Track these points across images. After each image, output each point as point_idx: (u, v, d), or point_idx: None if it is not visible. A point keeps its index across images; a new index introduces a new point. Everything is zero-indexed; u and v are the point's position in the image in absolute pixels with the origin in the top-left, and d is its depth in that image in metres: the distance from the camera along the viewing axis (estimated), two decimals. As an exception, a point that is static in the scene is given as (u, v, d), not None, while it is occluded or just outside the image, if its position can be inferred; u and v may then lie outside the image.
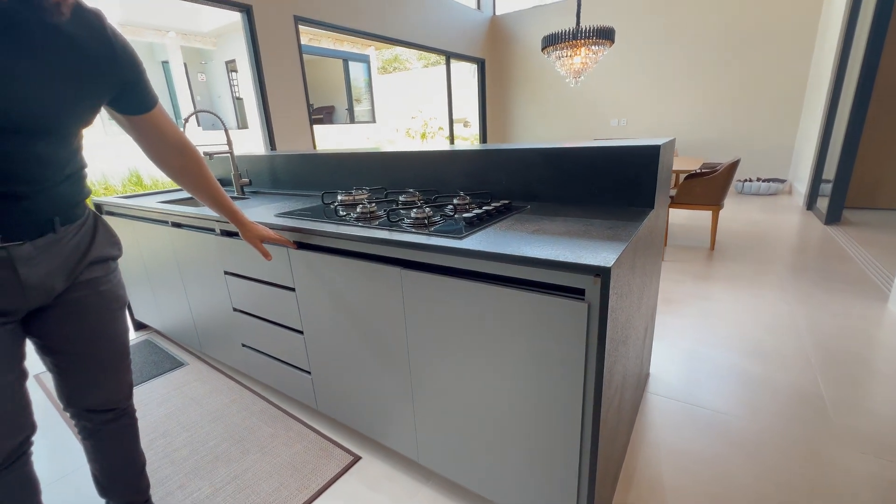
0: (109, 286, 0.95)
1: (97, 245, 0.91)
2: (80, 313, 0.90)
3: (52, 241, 0.81)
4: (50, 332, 0.88)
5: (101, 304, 0.93)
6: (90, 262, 0.90)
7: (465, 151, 1.50)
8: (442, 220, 1.15)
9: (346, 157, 1.84)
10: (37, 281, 0.80)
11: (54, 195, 0.79)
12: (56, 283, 0.84)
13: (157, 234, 1.87)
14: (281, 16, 4.00)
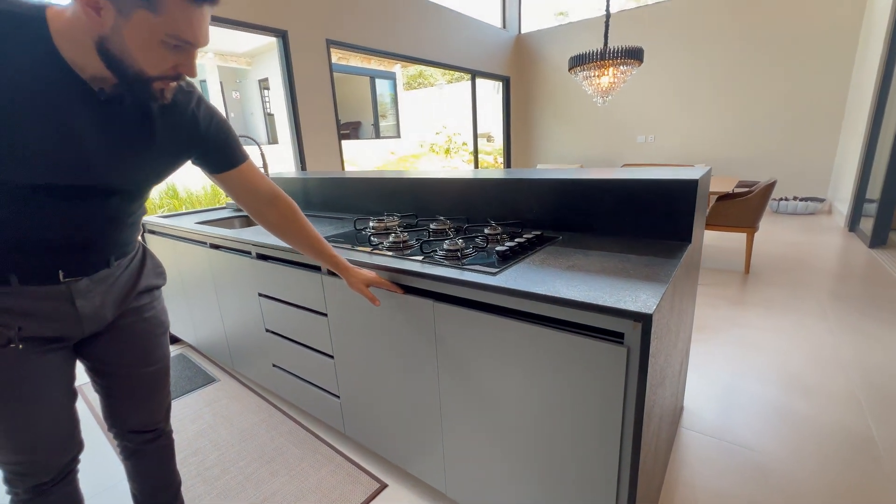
0: (154, 312, 0.99)
1: (145, 276, 0.97)
2: (127, 339, 0.95)
3: (107, 275, 0.87)
4: (99, 356, 0.93)
5: (145, 330, 0.97)
6: (138, 292, 0.95)
7: (496, 180, 1.51)
8: (474, 251, 1.15)
9: (377, 181, 1.88)
10: (91, 311, 0.86)
11: (117, 239, 0.86)
12: (108, 313, 0.89)
13: (195, 254, 1.95)
14: (314, 39, 4.15)
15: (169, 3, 0.60)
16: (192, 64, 0.68)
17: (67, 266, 0.79)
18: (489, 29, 6.64)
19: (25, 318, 0.77)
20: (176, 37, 0.63)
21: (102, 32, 0.61)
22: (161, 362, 1.02)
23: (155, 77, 0.66)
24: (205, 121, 0.87)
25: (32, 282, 0.76)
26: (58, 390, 0.85)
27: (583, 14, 6.77)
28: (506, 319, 0.92)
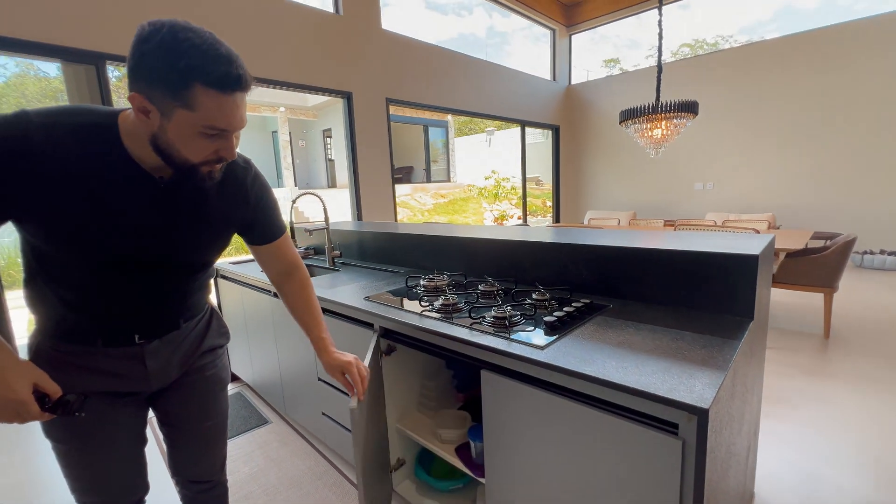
0: (215, 370, 1.06)
1: (210, 336, 1.04)
2: (188, 395, 1.02)
3: (175, 336, 0.95)
4: (164, 409, 1.02)
5: (206, 388, 1.04)
6: (202, 352, 1.03)
7: (545, 244, 1.53)
8: (522, 319, 1.17)
9: (429, 238, 1.96)
10: (158, 369, 0.94)
11: (185, 304, 0.95)
12: (173, 371, 0.97)
13: (259, 300, 2.10)
14: (374, 98, 4.52)
15: (201, 100, 0.67)
16: (230, 147, 0.75)
17: (142, 329, 0.89)
18: (538, 81, 6.88)
19: (102, 375, 0.87)
20: (212, 127, 0.70)
21: (153, 131, 0.70)
22: (218, 418, 1.08)
23: (200, 163, 0.74)
24: (255, 198, 0.95)
25: (113, 344, 0.87)
26: (128, 438, 0.94)
27: (635, 60, 6.83)
28: (554, 396, 0.91)
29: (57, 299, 0.82)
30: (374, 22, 4.46)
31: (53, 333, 0.85)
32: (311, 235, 2.69)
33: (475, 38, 9.38)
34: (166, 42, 0.64)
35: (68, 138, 0.70)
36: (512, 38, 12.41)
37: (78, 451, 0.88)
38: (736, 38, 12.33)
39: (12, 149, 0.66)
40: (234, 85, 0.68)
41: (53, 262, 0.78)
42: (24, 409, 0.73)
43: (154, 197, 0.79)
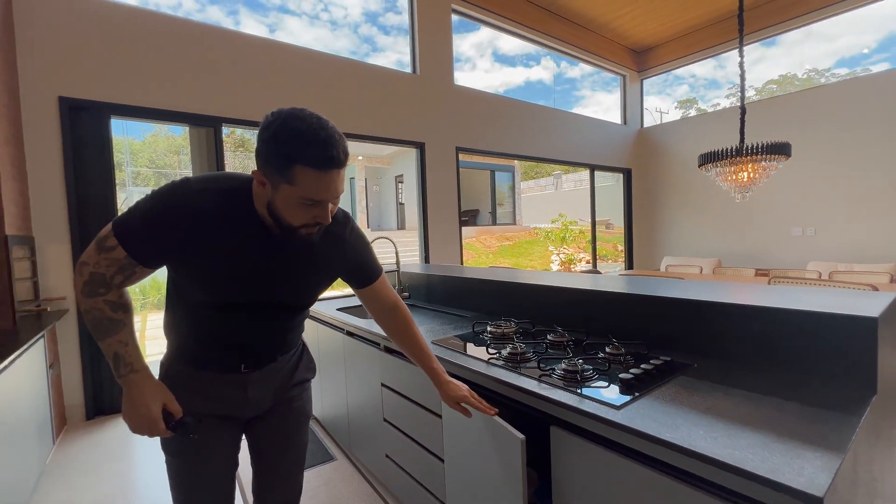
0: (301, 403, 1.16)
1: (300, 370, 1.15)
2: (277, 424, 1.11)
3: (272, 368, 1.06)
4: (256, 436, 1.11)
5: (292, 418, 1.13)
6: (293, 384, 1.13)
7: (621, 294, 1.47)
8: (595, 374, 1.11)
9: (497, 284, 1.97)
10: (256, 397, 1.05)
11: (284, 341, 1.07)
12: (267, 400, 1.08)
13: (332, 337, 2.22)
14: (445, 147, 4.78)
15: (301, 177, 0.79)
16: (326, 214, 0.86)
17: (247, 360, 1.02)
18: (608, 126, 6.82)
19: (211, 398, 1.00)
20: (309, 199, 0.82)
21: (268, 199, 0.85)
22: (300, 448, 1.16)
23: (299, 226, 0.86)
24: (353, 248, 1.07)
25: (224, 371, 1.01)
26: (225, 458, 1.05)
27: (713, 98, 6.54)
28: (632, 462, 0.85)
29: (186, 328, 0.98)
30: (447, 79, 4.80)
31: (179, 357, 1.00)
32: (383, 277, 2.82)
33: (542, 84, 9.66)
34: (277, 132, 0.78)
35: (217, 200, 0.87)
36: (580, 83, 12.53)
37: (185, 465, 1.00)
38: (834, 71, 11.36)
39: (177, 209, 0.84)
40: (329, 165, 0.79)
41: (189, 297, 0.94)
42: (155, 426, 0.88)
43: (271, 248, 0.93)
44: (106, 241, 0.83)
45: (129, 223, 0.83)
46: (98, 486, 2.08)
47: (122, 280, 0.87)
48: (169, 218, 0.83)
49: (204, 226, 0.85)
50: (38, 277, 2.66)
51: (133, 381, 0.88)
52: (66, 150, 2.80)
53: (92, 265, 0.84)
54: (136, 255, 0.84)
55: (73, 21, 2.81)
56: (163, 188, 0.85)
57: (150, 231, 0.83)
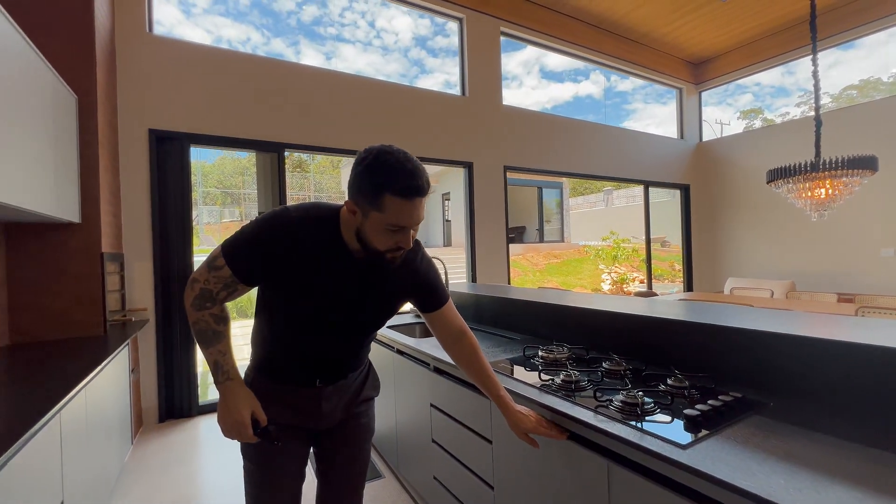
0: (367, 419, 1.23)
1: (366, 388, 1.23)
2: (345, 438, 1.19)
3: (343, 384, 1.15)
4: (325, 447, 1.19)
5: (359, 434, 1.21)
6: (360, 401, 1.20)
7: (684, 323, 1.39)
8: (657, 408, 1.06)
9: (549, 307, 1.93)
10: (328, 411, 1.13)
11: (355, 358, 1.16)
12: (338, 414, 1.15)
13: (382, 354, 2.27)
14: (493, 166, 4.81)
15: (388, 205, 0.88)
16: (408, 239, 0.95)
17: (322, 376, 1.11)
18: (663, 141, 6.56)
19: (288, 408, 1.09)
20: (395, 225, 0.91)
21: (357, 226, 0.95)
22: (363, 463, 1.24)
23: (385, 251, 0.95)
24: (423, 274, 1.13)
25: (301, 384, 1.10)
26: (296, 466, 1.13)
27: (782, 107, 6.10)
28: (700, 509, 0.79)
29: (272, 343, 1.08)
30: (496, 99, 4.86)
31: (263, 370, 1.11)
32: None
33: (592, 99, 9.48)
34: (370, 165, 0.89)
35: (311, 227, 0.97)
36: (632, 96, 12.18)
37: (262, 472, 1.09)
38: (926, 74, 10.22)
39: (278, 234, 0.95)
40: (413, 194, 0.89)
41: (277, 314, 1.05)
42: (245, 431, 0.98)
43: (353, 272, 1.02)
44: (215, 262, 0.96)
45: (236, 246, 0.96)
46: (171, 487, 2.24)
47: (226, 296, 0.99)
48: (270, 241, 0.94)
49: (299, 249, 0.96)
50: (125, 290, 2.97)
51: (229, 388, 0.99)
52: (153, 176, 3.13)
53: (202, 282, 0.97)
54: (239, 274, 0.96)
55: (161, 62, 3.17)
56: (266, 215, 0.98)
57: (253, 253, 0.95)
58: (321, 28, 13.20)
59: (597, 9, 5.23)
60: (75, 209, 2.37)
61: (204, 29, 16.19)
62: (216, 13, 14.44)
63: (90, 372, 1.65)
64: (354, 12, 13.19)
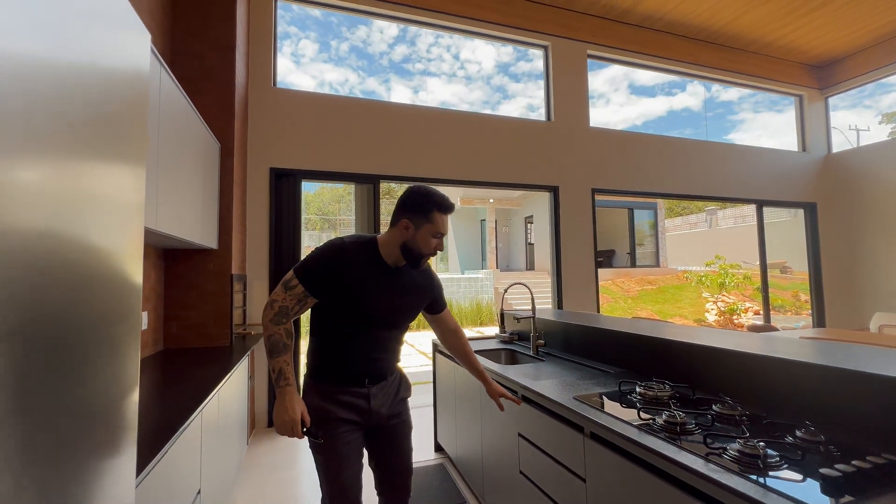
0: (408, 416, 1.50)
1: (402, 389, 1.49)
2: (390, 433, 1.44)
3: (385, 384, 1.40)
4: (378, 443, 1.44)
5: (402, 430, 1.47)
6: (399, 400, 1.46)
7: (821, 368, 1.22)
8: (783, 463, 0.93)
9: (645, 340, 1.82)
10: (377, 408, 1.37)
11: (392, 360, 1.43)
12: (384, 411, 1.39)
13: (468, 378, 2.30)
14: (580, 189, 4.68)
15: (436, 218, 1.31)
16: (442, 244, 1.35)
17: (370, 377, 1.36)
18: (781, 154, 5.83)
19: (344, 407, 1.32)
20: (438, 233, 1.32)
21: (406, 239, 1.32)
22: (408, 454, 1.49)
23: (427, 254, 1.34)
24: (437, 283, 1.52)
25: (354, 385, 1.34)
26: (358, 460, 1.36)
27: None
28: (847, 589, 0.68)
29: (328, 352, 1.34)
30: (582, 122, 4.77)
31: (321, 376, 1.35)
32: (519, 323, 2.84)
33: (689, 112, 8.82)
34: (422, 192, 1.33)
35: (359, 248, 1.32)
36: (738, 106, 10.97)
37: (329, 462, 1.30)
38: None
39: (336, 254, 1.29)
40: (449, 210, 1.34)
41: (332, 323, 1.33)
42: (296, 428, 1.21)
43: (390, 280, 1.35)
44: (290, 283, 1.27)
45: (306, 267, 1.28)
46: (278, 487, 2.48)
47: (298, 311, 1.29)
48: (330, 261, 1.27)
49: (350, 264, 1.28)
50: (246, 307, 3.41)
51: (287, 392, 1.22)
52: (272, 208, 3.60)
53: (280, 301, 1.27)
54: (310, 289, 1.27)
55: (280, 109, 3.69)
56: (325, 244, 1.32)
57: (318, 271, 1.27)
58: (409, 65, 14.22)
59: (695, 21, 4.94)
60: (214, 237, 2.83)
61: (310, 75, 18.30)
62: (320, 61, 16.24)
63: (223, 377, 1.92)
64: (440, 47, 13.83)
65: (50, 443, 0.59)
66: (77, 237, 0.66)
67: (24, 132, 0.54)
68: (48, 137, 0.59)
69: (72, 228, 0.65)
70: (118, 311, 0.79)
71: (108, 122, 0.76)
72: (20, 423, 0.53)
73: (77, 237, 0.66)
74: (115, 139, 0.79)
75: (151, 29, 2.51)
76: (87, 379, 0.69)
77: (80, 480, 0.66)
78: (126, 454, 0.82)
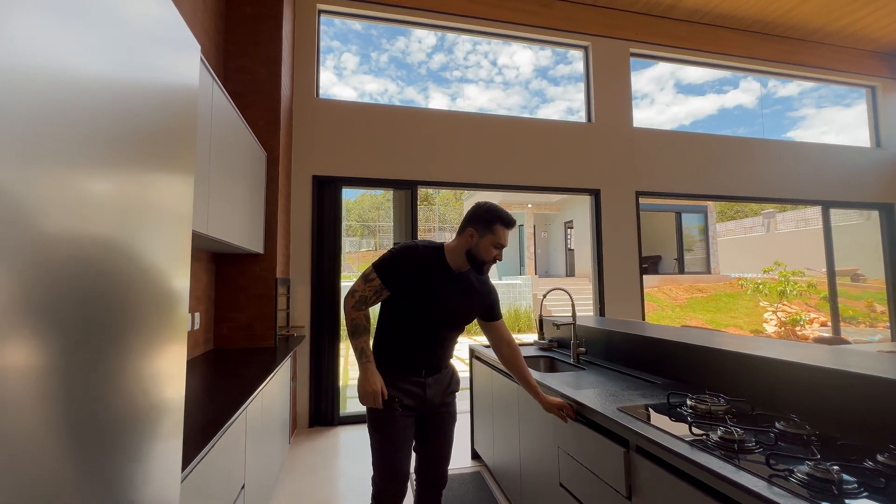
0: (453, 408, 1.63)
1: (453, 383, 1.63)
2: (440, 421, 1.58)
3: (438, 377, 1.55)
4: (425, 429, 1.58)
5: (449, 419, 1.61)
6: (448, 393, 1.59)
7: None
8: (861, 489, 0.83)
9: (695, 349, 1.70)
10: (430, 397, 1.52)
11: (446, 355, 1.58)
12: (436, 401, 1.54)
13: (505, 385, 2.25)
14: (623, 193, 4.51)
15: (497, 230, 1.47)
16: (501, 255, 1.49)
17: (426, 368, 1.51)
18: (851, 151, 5.34)
19: (402, 392, 1.48)
20: (499, 244, 1.48)
21: (470, 246, 1.49)
22: (450, 442, 1.63)
23: (488, 262, 1.50)
24: (494, 292, 1.65)
25: (411, 374, 1.50)
26: (410, 444, 1.52)
27: None
28: None
29: (391, 339, 1.52)
30: (625, 123, 4.60)
31: (385, 364, 1.49)
32: (559, 330, 2.76)
33: (742, 109, 8.31)
34: (487, 207, 1.50)
35: (429, 251, 1.52)
36: (797, 102, 10.21)
37: (384, 438, 1.46)
38: None
39: (410, 254, 1.48)
40: (511, 225, 1.50)
41: (399, 317, 1.50)
42: (377, 397, 1.40)
43: (452, 282, 1.51)
44: (369, 276, 1.48)
45: (384, 263, 1.48)
46: (318, 487, 2.53)
47: (373, 300, 1.49)
48: (405, 259, 1.47)
49: (421, 265, 1.47)
50: (289, 309, 3.54)
51: (368, 367, 1.43)
52: (314, 214, 3.73)
53: (360, 291, 1.48)
54: (385, 282, 1.47)
55: (323, 119, 3.82)
56: (402, 245, 1.51)
57: (394, 267, 1.47)
58: (447, 73, 14.36)
59: (748, 12, 4.65)
60: (260, 242, 2.96)
61: (352, 87, 18.94)
62: (361, 72, 16.76)
63: (266, 377, 1.99)
64: (478, 54, 13.90)
65: (97, 430, 0.62)
66: (132, 242, 0.70)
67: (92, 146, 0.58)
68: (110, 150, 0.63)
69: (128, 234, 0.69)
70: (167, 308, 0.83)
71: (162, 135, 0.81)
72: (71, 409, 0.57)
73: (132, 242, 0.70)
74: (167, 152, 0.84)
75: (205, 47, 2.67)
76: (136, 370, 0.72)
77: (125, 470, 0.70)
78: (172, 446, 0.86)
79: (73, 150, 0.56)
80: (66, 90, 0.54)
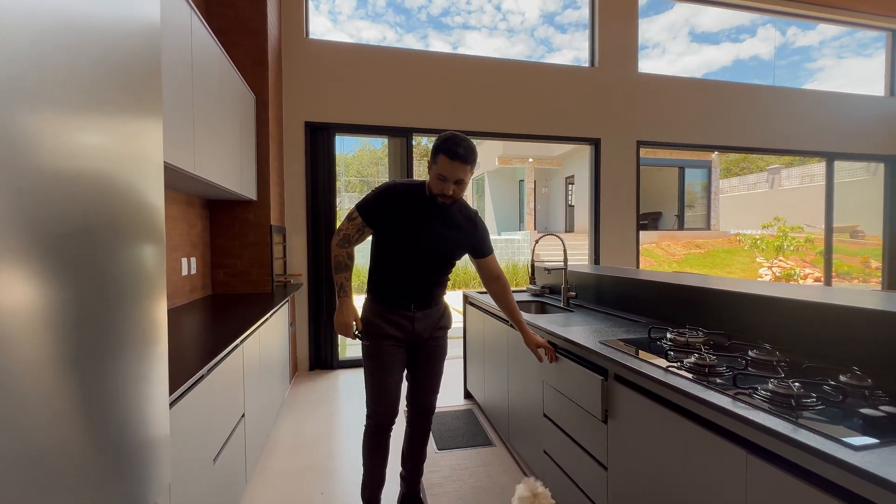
0: (444, 343, 1.71)
1: (443, 320, 1.68)
2: (429, 354, 1.65)
3: (428, 312, 1.60)
4: (415, 360, 1.66)
5: (437, 353, 1.68)
6: (438, 328, 1.65)
7: (873, 312, 1.11)
8: (819, 403, 0.88)
9: (679, 289, 1.73)
10: (419, 330, 1.59)
11: (435, 292, 1.61)
12: (425, 335, 1.61)
13: (497, 328, 2.31)
14: (624, 142, 4.40)
15: (440, 161, 1.41)
16: (448, 188, 1.43)
17: (415, 302, 1.56)
18: (861, 100, 5.15)
19: (392, 325, 1.55)
20: (441, 175, 1.42)
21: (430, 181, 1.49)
22: (439, 374, 1.71)
23: (437, 194, 1.46)
24: (482, 228, 1.65)
25: (400, 308, 1.56)
26: (399, 371, 1.61)
27: None
28: (876, 524, 0.64)
29: (381, 276, 1.58)
30: (630, 68, 4.41)
31: (376, 299, 1.58)
32: (550, 275, 2.79)
33: (758, 60, 7.95)
34: (439, 137, 1.45)
35: (408, 187, 1.55)
36: (816, 52, 9.73)
37: (376, 366, 1.56)
38: None
39: (389, 192, 1.52)
40: (455, 157, 1.40)
41: (386, 254, 1.55)
42: (349, 330, 1.53)
43: (435, 216, 1.53)
44: (352, 215, 1.54)
45: (365, 203, 1.53)
46: (316, 422, 2.67)
47: (357, 238, 1.55)
48: (384, 197, 1.52)
49: (402, 201, 1.51)
50: (286, 258, 3.57)
51: (344, 302, 1.53)
52: (308, 162, 3.67)
53: (345, 230, 1.54)
54: (367, 220, 1.52)
55: (314, 62, 3.66)
56: (381, 185, 1.55)
57: (375, 205, 1.52)
58: (448, 18, 13.59)
59: (768, -56, 4.31)
60: (253, 189, 2.93)
61: (347, 33, 17.98)
62: (357, 18, 15.79)
63: (262, 317, 2.04)
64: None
65: (86, 354, 0.65)
66: (106, 173, 0.70)
67: (57, 83, 0.56)
68: (69, 87, 0.61)
69: (101, 167, 0.68)
70: (144, 227, 0.84)
71: (120, 68, 0.77)
72: (58, 320, 0.59)
73: (106, 173, 0.70)
74: (129, 86, 0.80)
75: (184, -22, 2.51)
76: (119, 297, 0.74)
77: (112, 387, 0.73)
78: (158, 369, 0.90)
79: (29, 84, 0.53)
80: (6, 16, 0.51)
